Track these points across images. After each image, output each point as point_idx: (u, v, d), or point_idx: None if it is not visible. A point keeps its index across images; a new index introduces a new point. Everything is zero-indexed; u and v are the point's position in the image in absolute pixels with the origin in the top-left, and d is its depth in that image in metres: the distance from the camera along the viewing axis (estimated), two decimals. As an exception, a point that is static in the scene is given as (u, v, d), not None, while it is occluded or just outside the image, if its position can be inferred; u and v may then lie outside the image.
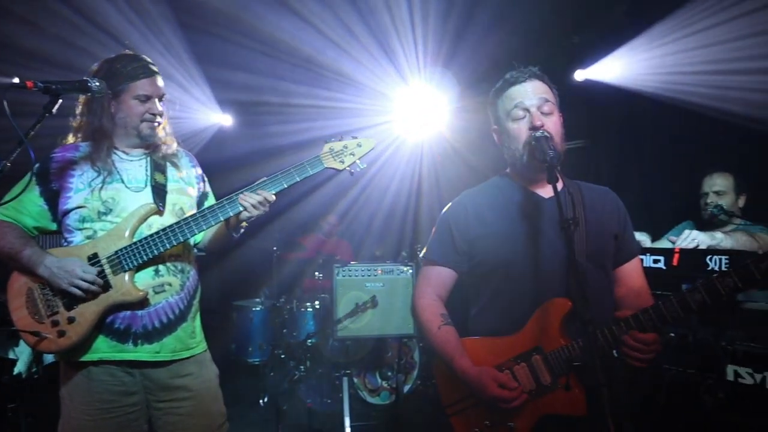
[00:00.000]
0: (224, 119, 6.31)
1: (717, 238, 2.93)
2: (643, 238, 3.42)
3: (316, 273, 5.56)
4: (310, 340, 5.15)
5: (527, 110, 2.01)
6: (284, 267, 5.82)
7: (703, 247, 2.86)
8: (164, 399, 2.37)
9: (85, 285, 2.17)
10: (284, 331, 5.47)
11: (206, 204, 2.59)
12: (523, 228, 2.03)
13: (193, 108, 5.65)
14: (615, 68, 4.62)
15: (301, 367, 5.26)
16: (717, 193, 3.63)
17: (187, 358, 2.42)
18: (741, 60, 3.81)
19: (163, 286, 2.35)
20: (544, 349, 1.91)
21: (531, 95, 2.03)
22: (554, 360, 1.88)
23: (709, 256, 2.68)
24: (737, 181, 3.65)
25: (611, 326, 1.82)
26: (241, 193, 2.32)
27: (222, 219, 2.33)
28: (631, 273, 2.14)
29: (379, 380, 5.13)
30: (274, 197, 2.33)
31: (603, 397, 1.31)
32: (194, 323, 2.51)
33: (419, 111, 6.00)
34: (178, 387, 2.38)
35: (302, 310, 5.46)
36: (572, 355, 1.84)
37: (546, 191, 2.10)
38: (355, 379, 5.06)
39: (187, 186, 2.56)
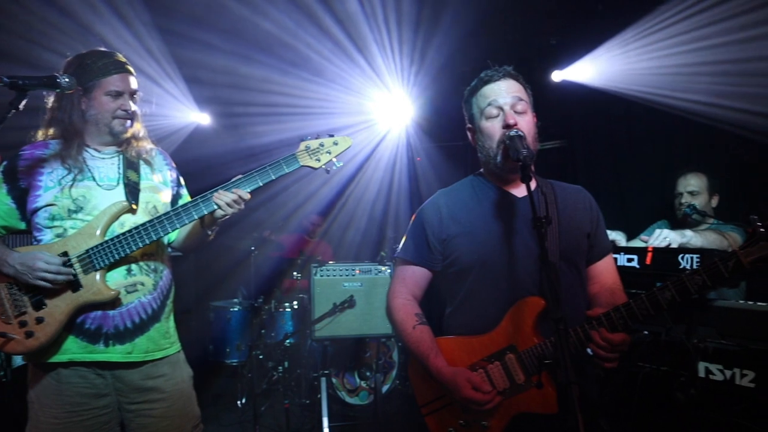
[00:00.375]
0: (202, 118, 6.24)
1: (687, 236, 2.97)
2: (618, 237, 3.46)
3: (295, 273, 5.54)
4: (288, 341, 5.12)
5: (501, 108, 2.02)
6: (263, 267, 5.78)
7: (674, 245, 2.90)
8: (136, 401, 2.34)
9: (50, 276, 2.13)
10: (262, 331, 5.43)
11: (180, 203, 2.56)
12: (497, 227, 2.04)
13: (169, 106, 5.57)
14: (591, 69, 4.66)
15: (280, 367, 5.23)
16: (691, 193, 3.68)
17: (160, 359, 2.39)
18: (712, 63, 3.87)
19: (135, 285, 2.32)
20: (517, 347, 1.92)
21: (505, 94, 2.03)
22: (528, 358, 1.89)
23: (681, 255, 2.71)
24: (710, 181, 3.71)
25: (583, 324, 1.83)
26: (216, 191, 2.30)
27: (196, 217, 2.31)
28: (604, 271, 2.16)
29: (358, 380, 5.12)
30: (249, 195, 2.32)
31: (573, 395, 1.32)
32: (168, 323, 2.47)
33: (398, 112, 6.02)
34: (151, 388, 2.34)
35: (281, 310, 5.43)
36: (544, 353, 1.85)
37: (519, 190, 2.11)
38: (334, 380, 5.05)
39: (160, 184, 2.52)
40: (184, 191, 2.66)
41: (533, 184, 2.11)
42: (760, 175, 3.97)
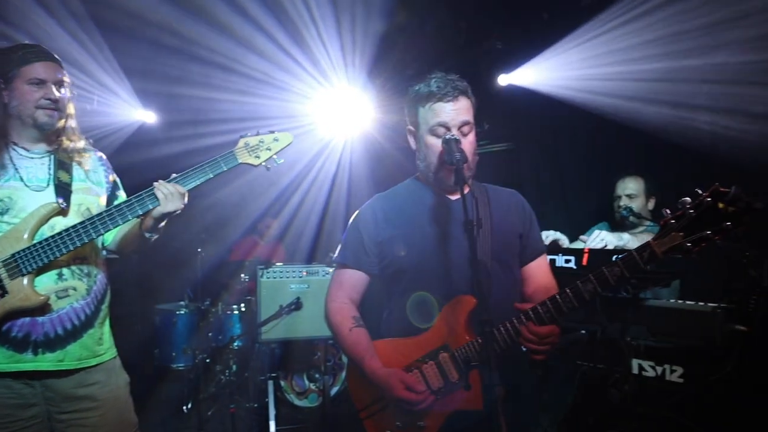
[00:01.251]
0: (147, 116, 6.07)
1: (624, 239, 3.08)
2: (561, 238, 3.54)
3: (242, 275, 5.46)
4: (235, 343, 5.05)
5: (448, 129, 2.04)
6: (210, 269, 5.67)
7: (610, 247, 2.99)
8: (68, 410, 2.25)
9: None
10: (210, 334, 5.34)
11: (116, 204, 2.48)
12: (432, 230, 2.08)
13: (111, 104, 5.40)
14: (535, 74, 4.76)
15: (228, 371, 5.15)
16: (629, 196, 3.80)
17: (94, 366, 2.31)
18: (650, 70, 4.01)
19: (66, 290, 2.23)
20: (451, 346, 1.95)
21: (455, 116, 2.04)
22: (461, 357, 1.93)
23: (614, 255, 2.80)
24: (648, 184, 3.83)
25: (512, 320, 1.88)
26: (152, 189, 2.23)
27: (131, 218, 2.24)
28: (538, 271, 2.22)
29: (307, 382, 5.09)
30: (186, 192, 2.27)
31: (497, 396, 1.35)
32: (102, 329, 2.39)
33: (347, 113, 6.02)
34: (84, 397, 2.26)
35: (228, 313, 5.35)
36: (476, 351, 1.89)
37: (454, 194, 2.14)
38: (283, 382, 5.00)
39: (94, 185, 2.44)
40: (120, 192, 2.57)
41: (467, 189, 2.15)
42: (695, 178, 4.13)
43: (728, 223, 1.65)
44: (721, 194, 1.67)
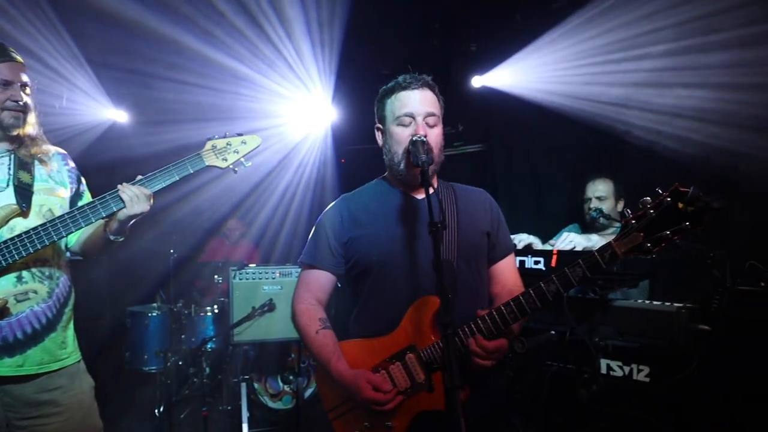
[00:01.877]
0: (118, 115, 5.96)
1: (593, 240, 3.10)
2: (534, 241, 3.57)
3: (216, 276, 5.40)
4: (209, 345, 4.99)
5: (414, 118, 2.05)
6: (183, 270, 5.60)
7: (579, 248, 3.02)
8: (29, 416, 2.21)
9: None
10: (182, 336, 5.27)
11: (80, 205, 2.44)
12: (399, 230, 2.08)
13: (80, 102, 5.29)
14: (508, 76, 4.80)
15: (201, 373, 5.08)
16: (599, 198, 3.84)
17: (57, 370, 2.27)
18: (622, 72, 4.06)
19: (27, 293, 2.19)
20: (417, 347, 1.95)
21: (420, 105, 2.06)
22: (426, 358, 1.93)
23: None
24: (617, 186, 3.88)
25: (464, 328, 1.89)
26: (116, 191, 2.20)
27: (94, 220, 2.21)
28: (505, 271, 2.23)
29: (281, 384, 5.05)
30: (152, 195, 2.24)
31: (457, 398, 1.35)
32: (65, 333, 2.35)
33: (321, 113, 6.01)
34: (45, 402, 2.22)
35: (201, 314, 5.28)
36: (440, 353, 1.90)
37: (421, 194, 2.14)
38: (256, 384, 4.96)
39: (57, 186, 2.39)
40: (85, 193, 2.53)
41: (432, 188, 2.16)
42: (665, 180, 4.19)
43: (687, 223, 1.67)
44: (681, 194, 1.69)
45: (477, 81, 5.06)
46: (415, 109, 2.05)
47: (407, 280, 2.01)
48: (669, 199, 1.69)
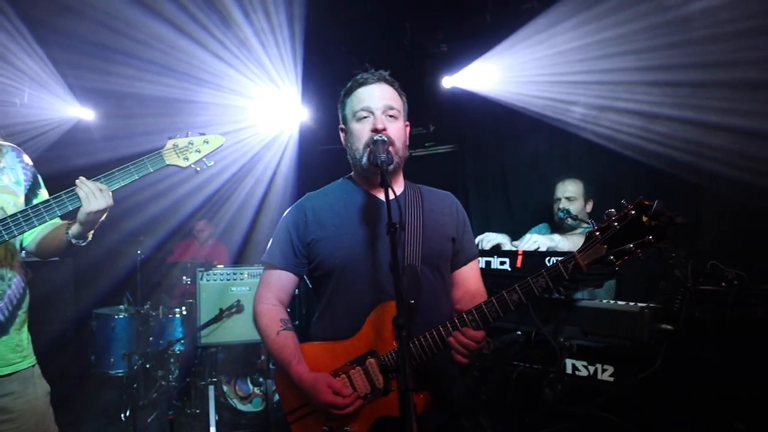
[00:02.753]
0: (84, 113, 5.81)
1: (555, 240, 3.13)
2: (502, 240, 3.57)
3: (184, 277, 5.32)
4: (177, 347, 4.91)
5: (372, 112, 2.03)
6: (150, 272, 5.50)
7: (542, 249, 3.03)
8: (-22, 423, 2.13)
9: None
10: (150, 339, 5.18)
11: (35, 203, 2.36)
12: (362, 231, 2.05)
13: (42, 98, 5.13)
14: (478, 77, 4.81)
15: (170, 376, 5.00)
16: (568, 198, 3.87)
17: (9, 375, 2.19)
18: (589, 72, 4.09)
19: (-23, 295, 2.11)
20: (378, 352, 1.93)
21: (377, 98, 2.04)
22: (388, 363, 1.90)
23: (548, 258, 2.84)
24: (587, 187, 3.92)
25: (438, 328, 1.87)
26: (73, 189, 2.14)
27: (48, 219, 2.14)
28: (468, 276, 2.21)
29: (251, 387, 5.00)
30: (110, 191, 2.19)
31: (410, 401, 1.33)
32: (19, 336, 2.27)
33: (287, 113, 5.96)
34: (-4, 408, 2.15)
35: (170, 316, 5.20)
36: (397, 360, 1.87)
37: (384, 194, 2.12)
38: (226, 387, 4.89)
39: (12, 184, 2.31)
40: (41, 191, 2.44)
41: (400, 189, 2.14)
42: (634, 182, 4.23)
43: (651, 237, 1.69)
44: (645, 207, 1.70)
45: (448, 81, 5.06)
46: (372, 103, 2.03)
47: (370, 284, 1.98)
48: (633, 212, 1.71)
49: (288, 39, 4.79)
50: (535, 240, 3.04)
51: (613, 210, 1.75)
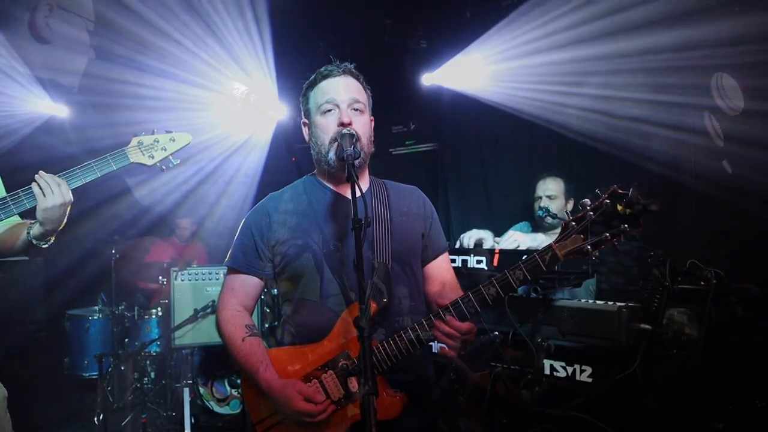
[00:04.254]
0: (58, 109, 5.64)
1: (538, 240, 3.08)
2: (485, 235, 3.52)
3: (160, 277, 5.20)
4: (152, 349, 4.80)
5: (337, 105, 1.97)
6: (126, 272, 5.38)
7: (523, 248, 2.99)
8: (-71, 431, 2.04)
9: None
10: (126, 340, 5.06)
11: None
12: (329, 231, 1.99)
13: (9, 93, 4.97)
14: (457, 74, 4.77)
15: (145, 378, 4.90)
16: (549, 196, 3.84)
17: (-38, 381, 2.11)
18: (571, 73, 4.06)
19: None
20: (351, 354, 1.87)
21: (343, 92, 1.99)
22: (359, 365, 1.84)
23: (525, 256, 2.79)
24: (567, 186, 3.89)
25: (421, 321, 1.82)
26: (29, 187, 2.06)
27: (4, 217, 2.07)
28: (440, 269, 2.18)
29: (228, 389, 4.92)
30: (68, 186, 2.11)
31: (371, 404, 1.29)
32: (-24, 340, 2.18)
33: (265, 110, 5.88)
34: (-50, 415, 2.06)
35: (146, 317, 5.10)
36: (375, 360, 1.82)
37: (350, 191, 2.06)
38: (202, 389, 4.81)
39: None
40: None
41: (366, 185, 2.09)
42: (616, 180, 4.21)
43: (625, 225, 1.65)
44: (620, 196, 1.67)
45: (427, 79, 5.02)
46: (337, 96, 1.98)
47: (338, 284, 1.93)
48: (608, 201, 1.67)
49: (268, 34, 4.71)
50: (516, 238, 3.00)
51: (587, 200, 1.72)
